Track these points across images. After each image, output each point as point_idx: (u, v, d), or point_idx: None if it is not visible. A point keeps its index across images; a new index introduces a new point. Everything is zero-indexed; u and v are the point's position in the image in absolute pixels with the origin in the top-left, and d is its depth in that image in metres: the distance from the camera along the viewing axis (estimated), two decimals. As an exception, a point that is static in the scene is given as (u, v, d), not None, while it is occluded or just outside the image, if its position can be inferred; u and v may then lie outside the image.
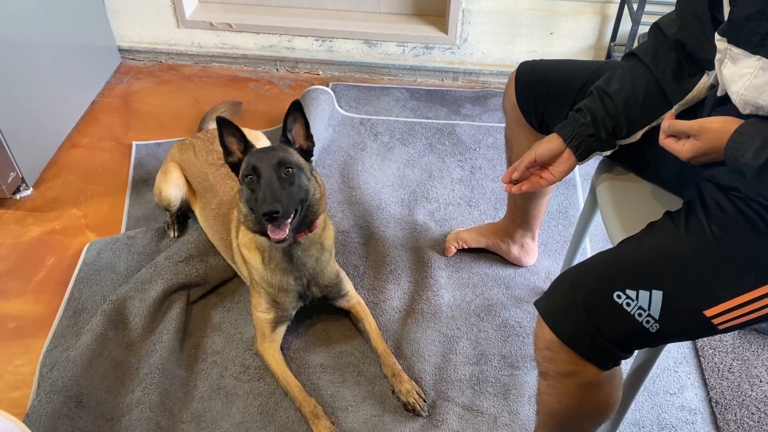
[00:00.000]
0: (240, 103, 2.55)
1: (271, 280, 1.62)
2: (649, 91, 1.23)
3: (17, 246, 2.04)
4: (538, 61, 1.52)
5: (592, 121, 1.25)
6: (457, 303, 1.85)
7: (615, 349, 1.08)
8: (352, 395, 1.64)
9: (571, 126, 1.28)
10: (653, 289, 1.05)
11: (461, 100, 2.64)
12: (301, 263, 1.60)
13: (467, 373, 1.68)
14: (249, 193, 1.47)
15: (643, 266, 1.09)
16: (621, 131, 1.27)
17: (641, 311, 1.05)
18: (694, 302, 1.04)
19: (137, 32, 2.80)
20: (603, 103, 1.25)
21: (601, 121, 1.25)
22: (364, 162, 2.32)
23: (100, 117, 2.56)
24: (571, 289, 1.12)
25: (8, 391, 1.66)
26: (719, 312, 1.04)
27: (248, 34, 2.76)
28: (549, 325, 1.10)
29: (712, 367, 1.70)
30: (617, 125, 1.25)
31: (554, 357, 1.12)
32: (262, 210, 1.39)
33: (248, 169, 1.47)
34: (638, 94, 1.23)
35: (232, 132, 1.53)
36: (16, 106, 2.09)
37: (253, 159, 1.48)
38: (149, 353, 1.69)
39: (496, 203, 2.17)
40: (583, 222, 1.64)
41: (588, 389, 1.14)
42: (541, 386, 1.22)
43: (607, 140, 1.27)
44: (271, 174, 1.44)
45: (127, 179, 2.28)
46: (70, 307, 1.83)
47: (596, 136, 1.26)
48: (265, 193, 1.41)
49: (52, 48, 2.32)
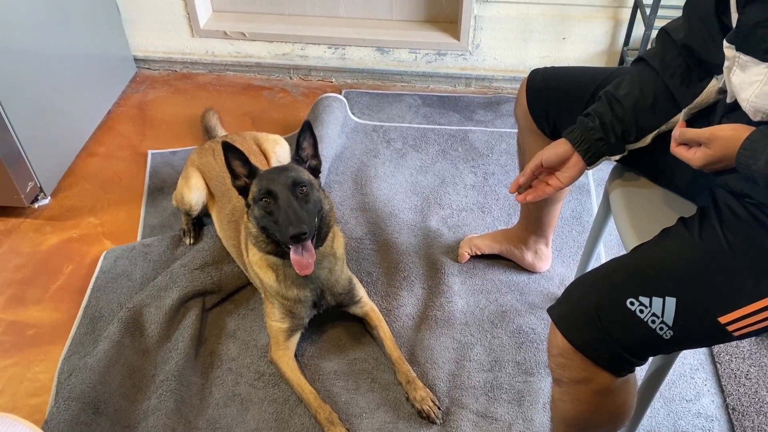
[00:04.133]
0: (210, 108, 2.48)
1: (286, 294, 1.63)
2: (657, 95, 1.23)
3: (35, 254, 2.07)
4: (549, 69, 1.52)
5: (601, 125, 1.25)
6: (470, 309, 1.85)
7: (628, 356, 1.07)
8: (366, 402, 1.64)
9: (579, 130, 1.27)
10: (667, 296, 1.05)
11: (474, 106, 2.64)
12: (315, 276, 1.61)
13: (481, 380, 1.68)
14: (264, 216, 1.49)
15: (656, 273, 1.08)
16: (630, 135, 1.26)
17: (655, 318, 1.05)
18: (708, 309, 1.04)
19: (152, 42, 2.84)
20: (612, 107, 1.24)
21: (609, 125, 1.24)
22: (377, 169, 2.33)
23: (116, 126, 2.60)
24: (583, 295, 1.12)
25: (27, 397, 1.69)
26: (734, 319, 1.03)
27: (262, 43, 2.78)
28: (562, 332, 1.10)
29: (729, 374, 1.69)
30: (626, 129, 1.25)
31: (567, 364, 1.12)
32: (289, 233, 1.41)
33: (262, 192, 1.48)
34: (647, 97, 1.23)
35: (237, 156, 1.54)
36: (34, 116, 2.13)
37: (266, 182, 1.49)
38: (165, 360, 1.70)
39: (509, 209, 2.16)
40: (596, 228, 1.64)
41: (602, 396, 1.13)
42: (555, 393, 1.22)
43: (616, 144, 1.27)
44: (288, 196, 1.46)
45: (143, 187, 2.31)
46: (87, 314, 1.86)
47: (605, 140, 1.26)
48: (288, 215, 1.43)
49: (69, 58, 2.35)
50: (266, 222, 1.50)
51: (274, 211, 1.46)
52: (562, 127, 1.47)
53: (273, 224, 1.48)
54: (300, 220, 1.42)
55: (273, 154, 2.04)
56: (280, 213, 1.45)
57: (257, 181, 1.53)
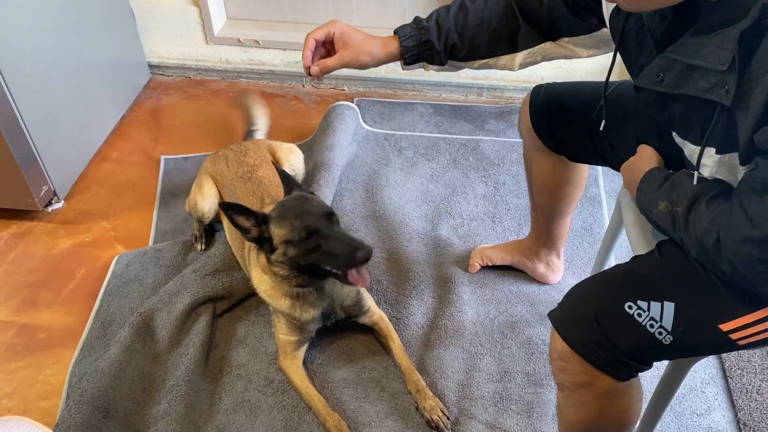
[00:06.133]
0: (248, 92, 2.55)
1: (300, 318, 1.63)
2: (501, 25, 1.28)
3: (48, 258, 2.09)
4: (552, 85, 1.52)
5: (436, 28, 1.27)
6: (480, 319, 1.85)
7: (628, 360, 1.08)
8: (375, 411, 1.64)
9: (410, 26, 1.30)
10: (665, 301, 1.05)
11: (485, 115, 2.65)
12: (328, 295, 1.63)
13: (491, 391, 1.68)
14: (306, 253, 1.46)
15: (655, 278, 1.09)
16: (460, 51, 1.29)
17: (653, 322, 1.05)
18: (707, 316, 1.04)
19: (167, 48, 2.86)
20: (456, 16, 1.27)
21: (445, 31, 1.27)
22: (388, 177, 2.34)
23: (129, 131, 2.62)
24: (583, 299, 1.14)
25: (38, 400, 1.70)
26: (736, 327, 1.02)
27: (275, 51, 2.80)
28: (561, 335, 1.11)
29: (740, 388, 1.67)
30: (457, 43, 1.28)
31: (568, 367, 1.12)
32: (359, 258, 1.40)
33: (304, 233, 1.45)
34: (491, 21, 1.27)
35: (237, 211, 1.48)
36: (49, 120, 2.15)
37: (300, 221, 1.46)
38: (175, 365, 1.71)
39: (520, 219, 2.16)
40: (608, 239, 1.64)
41: (605, 399, 1.14)
42: (559, 398, 1.23)
43: (441, 54, 1.29)
44: (331, 226, 1.47)
45: (155, 193, 2.32)
46: (98, 318, 1.87)
47: (430, 45, 1.28)
48: (344, 242, 1.43)
49: (85, 64, 2.38)
50: (312, 258, 1.46)
51: (323, 245, 1.45)
52: (566, 143, 1.48)
53: (324, 256, 1.45)
54: (360, 242, 1.43)
55: (287, 162, 2.05)
56: (335, 244, 1.44)
57: (281, 222, 1.48)
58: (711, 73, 0.87)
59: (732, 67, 0.83)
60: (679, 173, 1.07)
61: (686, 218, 0.99)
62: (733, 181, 0.97)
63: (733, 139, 0.89)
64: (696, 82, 0.90)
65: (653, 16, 0.99)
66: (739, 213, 0.88)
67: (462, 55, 1.30)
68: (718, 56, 0.85)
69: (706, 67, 0.87)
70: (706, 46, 0.88)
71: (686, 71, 0.91)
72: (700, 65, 0.89)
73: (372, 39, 1.31)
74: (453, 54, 1.30)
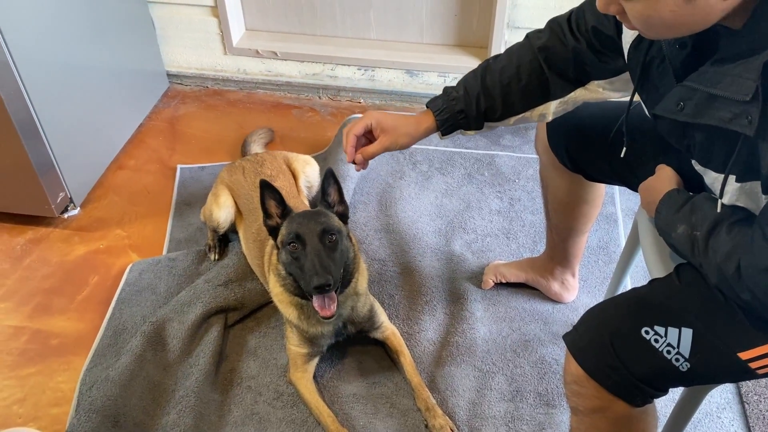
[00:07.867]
0: (272, 130, 2.60)
1: (308, 330, 1.63)
2: (532, 78, 1.26)
3: (63, 264, 2.10)
4: None
5: (465, 96, 1.27)
6: (493, 337, 1.84)
7: (644, 386, 1.06)
8: (384, 427, 1.63)
9: (442, 99, 1.30)
10: (683, 327, 1.03)
11: (501, 130, 2.63)
12: (337, 315, 1.61)
13: (502, 410, 1.66)
14: (291, 260, 1.48)
15: (673, 303, 1.07)
16: (495, 113, 1.29)
17: (670, 348, 1.03)
18: (726, 344, 1.02)
19: (185, 58, 2.88)
20: (483, 79, 1.27)
21: (475, 97, 1.27)
22: (402, 190, 2.33)
23: (146, 140, 2.63)
24: (599, 322, 1.12)
25: (49, 407, 1.70)
26: (756, 356, 1.00)
27: (293, 63, 2.81)
28: (576, 359, 1.10)
29: (757, 414, 1.64)
30: (491, 106, 1.28)
31: (582, 392, 1.11)
32: (313, 283, 1.39)
33: (291, 237, 1.47)
34: (521, 77, 1.26)
35: (273, 195, 1.53)
36: (67, 127, 2.17)
37: (296, 226, 1.48)
38: (186, 376, 1.71)
39: (534, 236, 2.15)
40: (624, 260, 1.62)
41: (619, 425, 1.12)
42: (572, 422, 1.21)
43: (476, 119, 1.29)
44: (316, 243, 1.45)
45: (171, 202, 2.33)
46: (110, 326, 1.87)
47: (465, 113, 1.28)
48: (314, 264, 1.42)
49: (104, 72, 2.40)
50: (292, 268, 1.48)
51: (301, 258, 1.45)
52: (583, 162, 1.47)
53: (298, 271, 1.46)
54: (325, 269, 1.41)
55: (302, 174, 2.05)
56: (307, 260, 1.43)
57: (287, 223, 1.51)
58: (733, 103, 0.86)
59: (756, 98, 0.82)
60: (699, 196, 1.05)
61: (706, 243, 0.98)
62: (755, 208, 0.95)
63: (754, 167, 0.88)
64: (717, 111, 0.89)
65: (673, 44, 0.99)
66: (761, 242, 0.87)
67: (497, 115, 1.30)
68: (741, 86, 0.84)
69: (727, 96, 0.86)
70: (728, 75, 0.87)
71: (707, 100, 0.90)
72: (721, 95, 0.88)
73: (406, 120, 1.33)
74: (488, 116, 1.30)
